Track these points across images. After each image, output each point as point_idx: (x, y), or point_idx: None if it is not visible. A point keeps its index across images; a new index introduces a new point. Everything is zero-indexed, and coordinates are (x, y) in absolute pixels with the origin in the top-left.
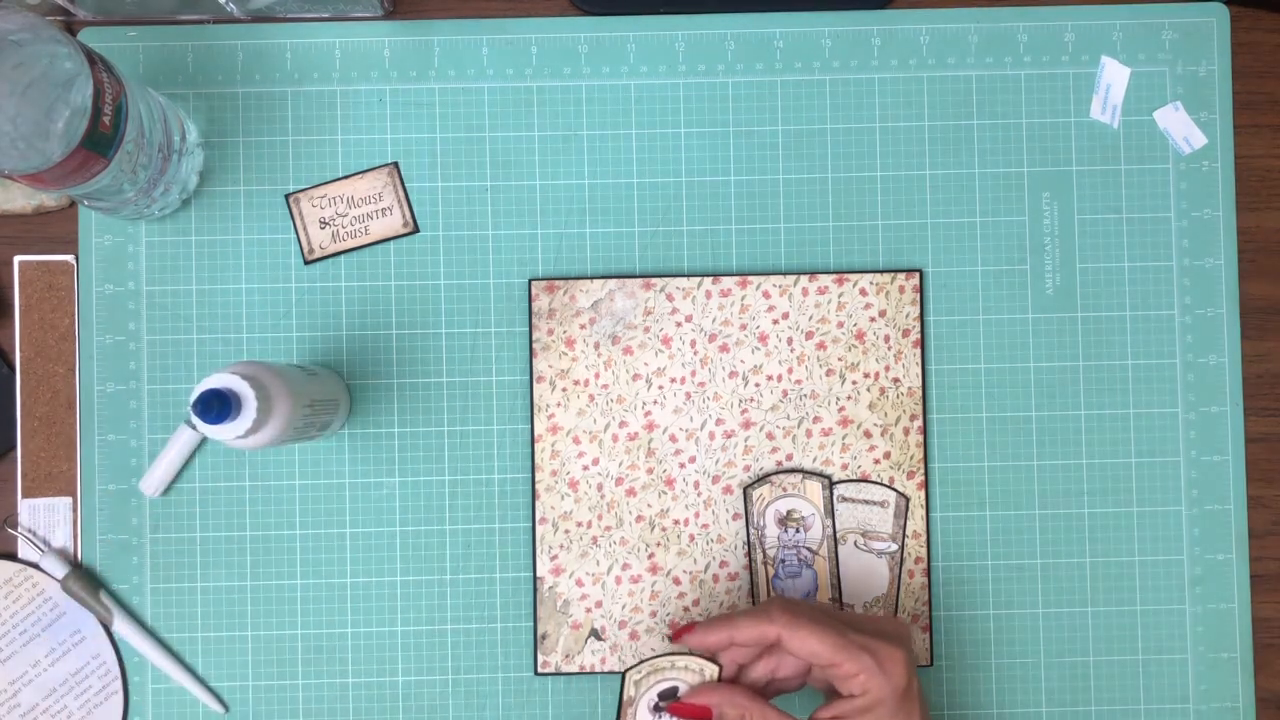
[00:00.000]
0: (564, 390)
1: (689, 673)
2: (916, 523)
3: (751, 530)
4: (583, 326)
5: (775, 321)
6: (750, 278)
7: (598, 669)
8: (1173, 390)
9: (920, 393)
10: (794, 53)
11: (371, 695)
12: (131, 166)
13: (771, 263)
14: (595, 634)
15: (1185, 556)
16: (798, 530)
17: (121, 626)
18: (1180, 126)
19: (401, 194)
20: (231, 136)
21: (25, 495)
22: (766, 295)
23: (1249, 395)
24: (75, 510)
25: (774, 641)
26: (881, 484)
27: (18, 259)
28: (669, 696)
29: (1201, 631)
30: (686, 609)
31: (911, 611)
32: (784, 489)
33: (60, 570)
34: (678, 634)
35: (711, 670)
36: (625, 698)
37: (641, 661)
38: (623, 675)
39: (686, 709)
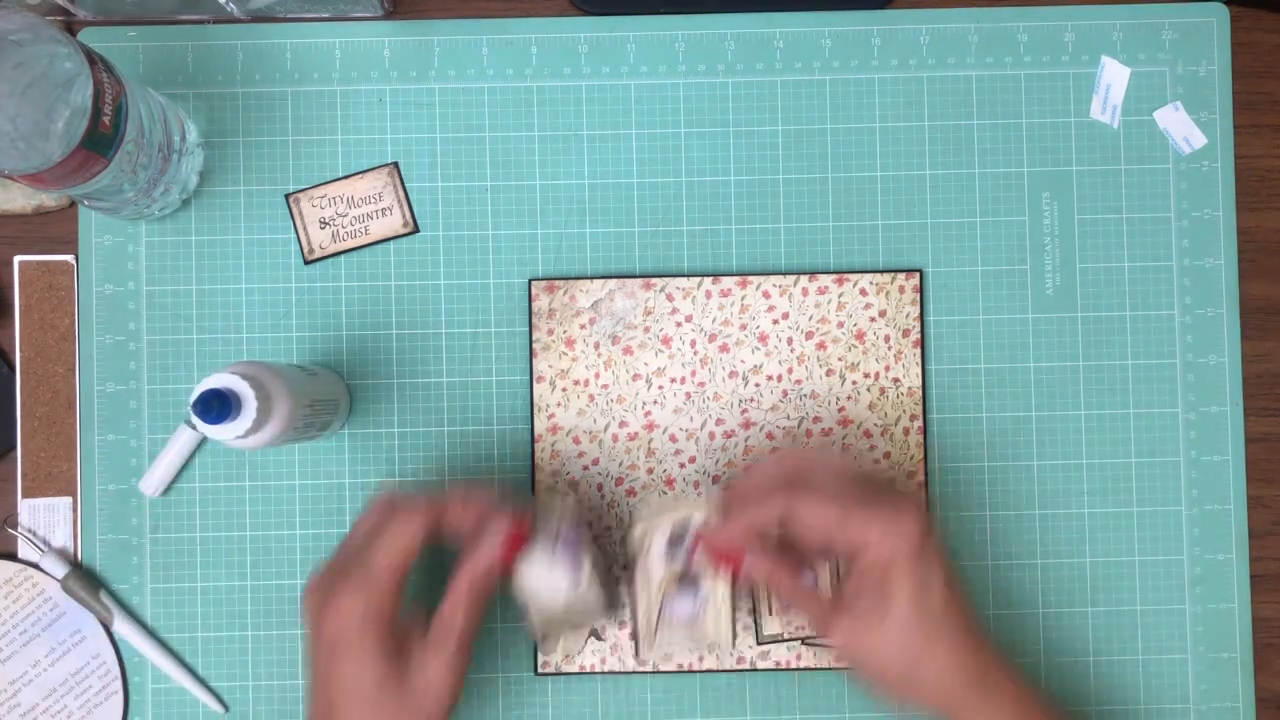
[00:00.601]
0: (564, 390)
1: (693, 505)
2: None
3: None
4: (583, 326)
5: (775, 321)
6: (750, 278)
7: (598, 669)
8: (1173, 390)
9: (920, 393)
10: (794, 53)
11: None
12: (131, 166)
13: (771, 263)
14: (595, 634)
15: (1185, 556)
16: None
17: (121, 626)
18: (1180, 126)
19: (401, 194)
20: (231, 136)
21: (25, 495)
22: (766, 295)
23: (1249, 395)
24: (75, 510)
25: (795, 522)
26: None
27: (18, 259)
28: (678, 538)
29: (1201, 631)
30: None
31: None
32: None
33: (60, 570)
34: (705, 543)
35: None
36: (630, 553)
37: (640, 520)
38: (626, 531)
39: (720, 554)
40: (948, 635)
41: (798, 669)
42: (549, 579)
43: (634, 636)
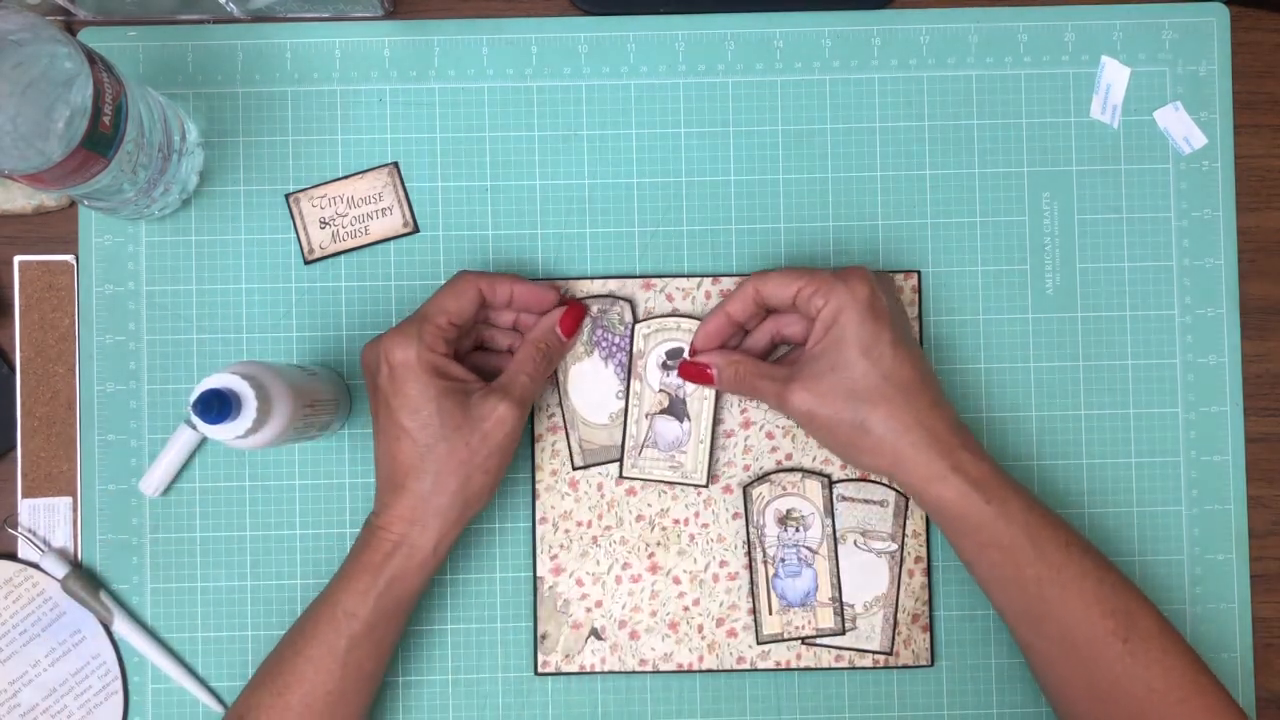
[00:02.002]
0: (564, 391)
1: (691, 334)
2: (916, 522)
3: (751, 529)
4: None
5: None
6: None
7: (598, 669)
8: (1173, 390)
9: None
10: (794, 53)
11: None
12: (131, 166)
13: (771, 263)
14: (595, 634)
15: (1185, 556)
16: (797, 529)
17: (121, 626)
18: (1180, 126)
19: (401, 194)
20: (231, 136)
21: (25, 495)
22: None
23: (1249, 395)
24: (75, 510)
25: (762, 300)
26: (881, 483)
27: (18, 259)
28: (675, 355)
29: (1201, 631)
30: (686, 609)
31: (912, 611)
32: (784, 488)
33: (60, 570)
34: (692, 352)
35: None
36: (635, 350)
37: (650, 318)
38: (632, 328)
39: (691, 369)
40: (896, 390)
41: (798, 669)
42: (597, 383)
43: (621, 453)
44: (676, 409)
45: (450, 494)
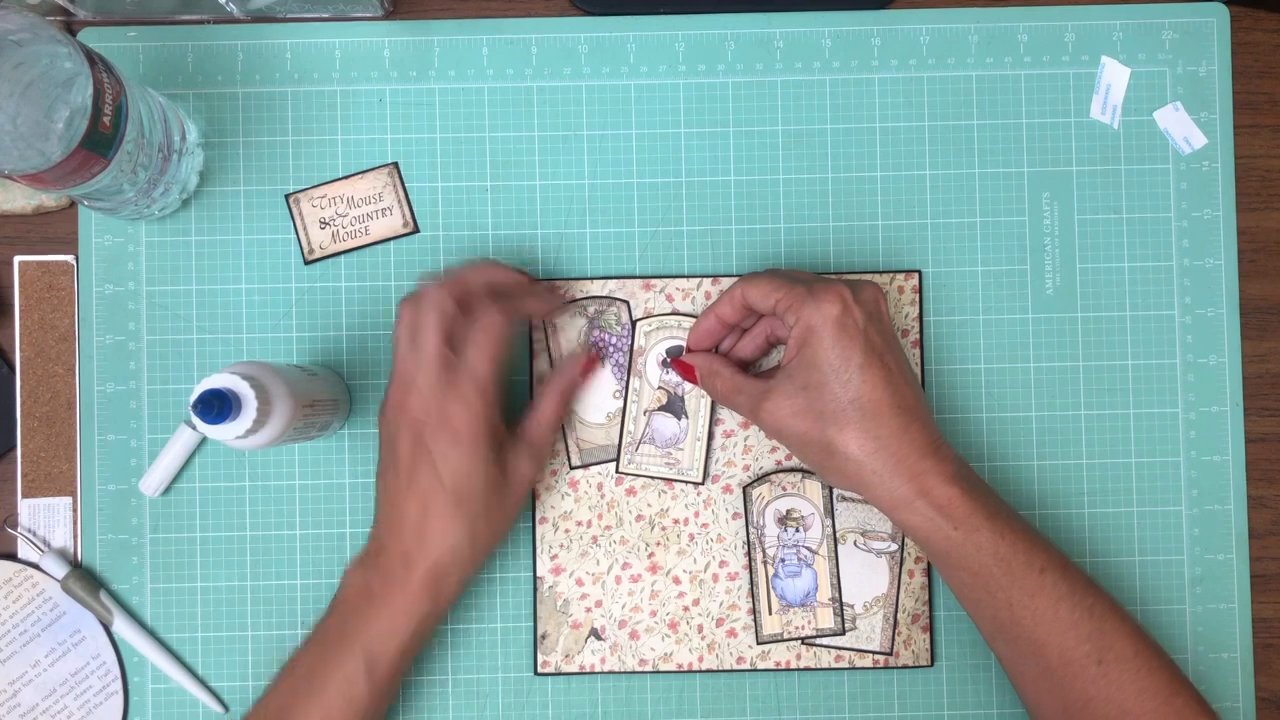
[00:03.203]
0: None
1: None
2: None
3: (751, 529)
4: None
5: None
6: None
7: (598, 669)
8: (1173, 390)
9: None
10: (794, 53)
11: None
12: (131, 166)
13: (771, 263)
14: (595, 634)
15: (1185, 556)
16: (797, 529)
17: (121, 626)
18: (1180, 126)
19: (401, 194)
20: (231, 136)
21: (25, 495)
22: None
23: (1249, 395)
24: (75, 510)
25: (748, 305)
26: None
27: (18, 259)
28: (675, 353)
29: (1201, 631)
30: (686, 608)
31: (912, 611)
32: (783, 488)
33: (60, 570)
34: (686, 350)
35: None
36: (636, 347)
37: (651, 316)
38: (634, 324)
39: (682, 367)
40: (862, 414)
41: (798, 669)
42: (595, 383)
43: (618, 449)
44: (675, 406)
45: (483, 549)
